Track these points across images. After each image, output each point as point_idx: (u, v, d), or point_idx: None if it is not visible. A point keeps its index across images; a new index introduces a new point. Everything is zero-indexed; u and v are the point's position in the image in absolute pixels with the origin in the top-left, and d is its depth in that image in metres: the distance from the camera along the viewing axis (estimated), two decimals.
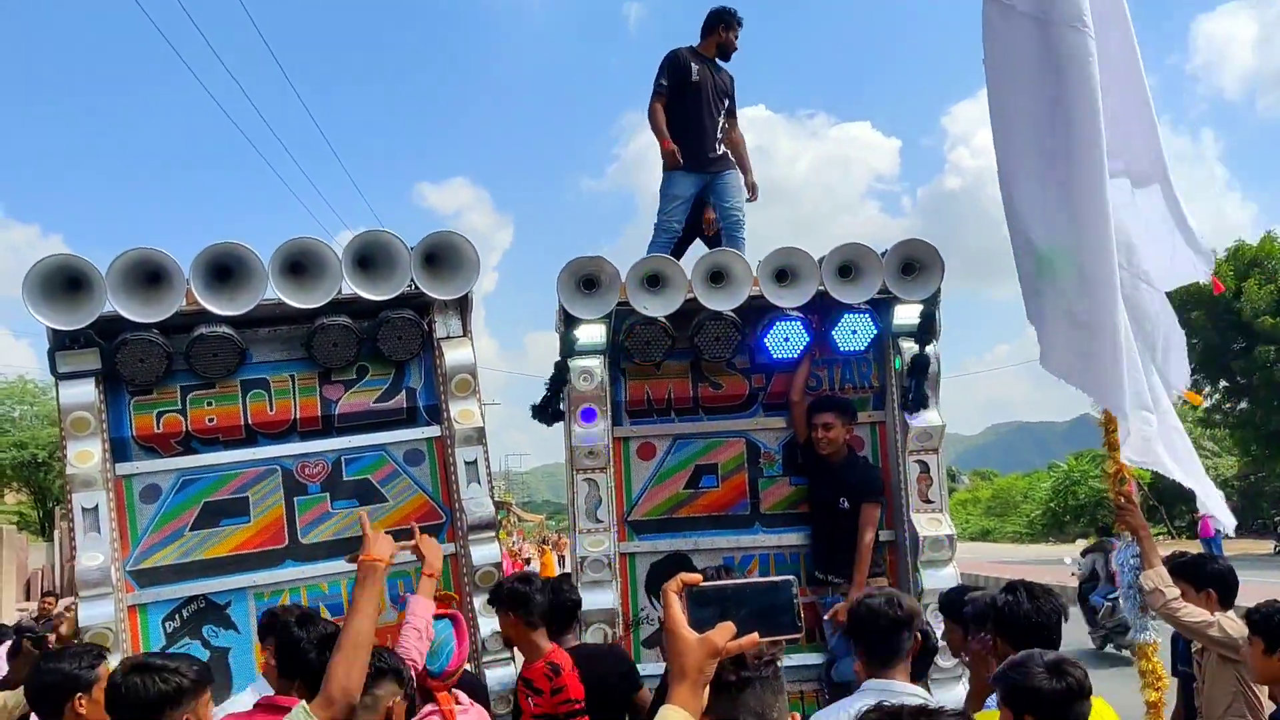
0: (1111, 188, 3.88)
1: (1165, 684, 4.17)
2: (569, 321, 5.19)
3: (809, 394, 5.49)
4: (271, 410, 5.23)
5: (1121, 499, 4.32)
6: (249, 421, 5.20)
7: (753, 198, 6.78)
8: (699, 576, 1.61)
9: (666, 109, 6.59)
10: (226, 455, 5.18)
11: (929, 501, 5.38)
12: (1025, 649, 2.95)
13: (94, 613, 4.68)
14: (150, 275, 4.90)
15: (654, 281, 5.22)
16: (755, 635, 1.56)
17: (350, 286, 5.05)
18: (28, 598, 18.05)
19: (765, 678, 1.97)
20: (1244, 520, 28.23)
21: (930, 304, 5.30)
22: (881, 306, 5.35)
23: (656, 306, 5.17)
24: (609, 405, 5.31)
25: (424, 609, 3.80)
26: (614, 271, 5.15)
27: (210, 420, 5.17)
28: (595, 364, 5.22)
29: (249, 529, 5.18)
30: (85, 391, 4.88)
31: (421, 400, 5.37)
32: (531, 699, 4.19)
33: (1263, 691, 4.16)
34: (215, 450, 5.18)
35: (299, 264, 5.04)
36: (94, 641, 4.34)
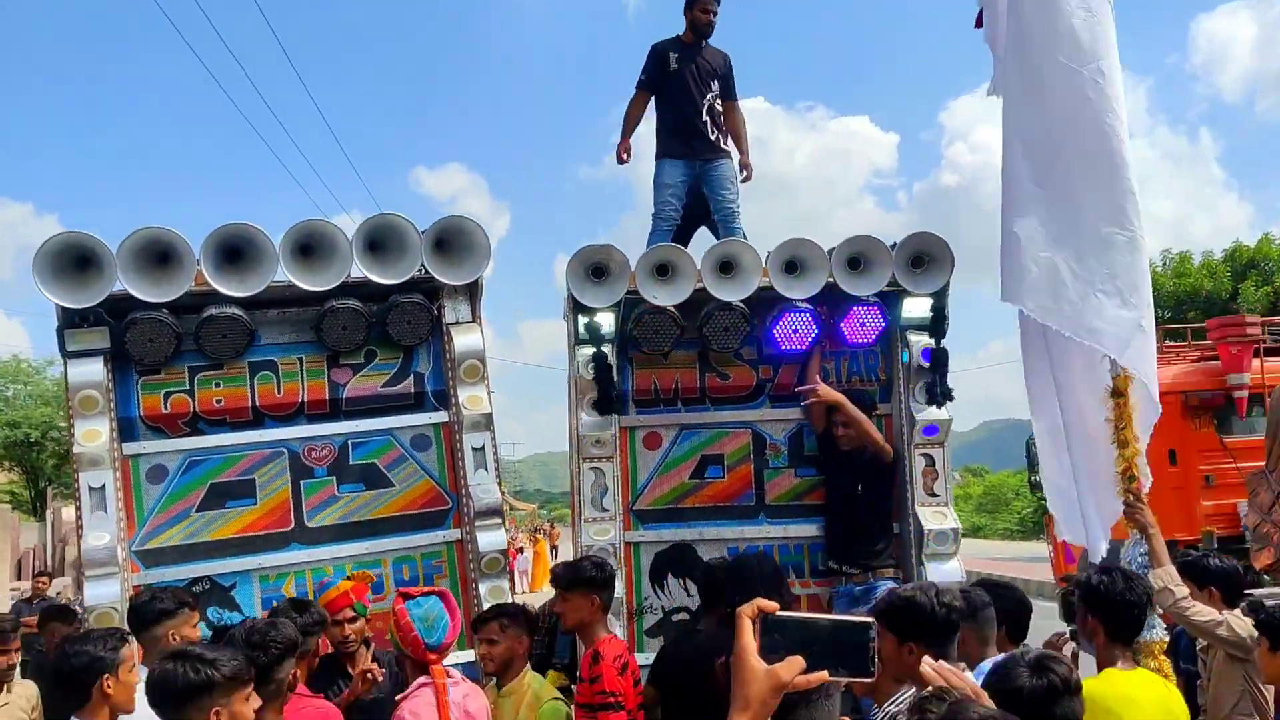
0: None
1: (1172, 682, 4.18)
2: (578, 310, 5.19)
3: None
4: (279, 392, 5.22)
5: (1130, 496, 4.32)
6: (256, 403, 5.20)
7: (746, 178, 6.63)
8: (776, 605, 1.54)
9: (656, 102, 6.59)
10: (233, 437, 5.18)
11: (934, 495, 5.39)
12: (1120, 627, 3.32)
13: (100, 592, 4.67)
14: (160, 255, 4.89)
15: (663, 271, 5.21)
16: (825, 673, 1.50)
17: (360, 269, 5.05)
18: (19, 577, 18.00)
19: (814, 700, 1.96)
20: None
21: (940, 298, 5.32)
22: (890, 299, 5.36)
23: (665, 296, 5.16)
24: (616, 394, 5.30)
25: None
26: (624, 260, 5.15)
27: (218, 401, 5.17)
28: (604, 352, 5.21)
29: (255, 511, 5.17)
30: (94, 370, 4.87)
31: (429, 385, 5.37)
32: (576, 686, 4.20)
33: (1269, 690, 4.18)
34: (222, 431, 5.18)
35: (309, 246, 5.04)
36: (99, 622, 4.34)
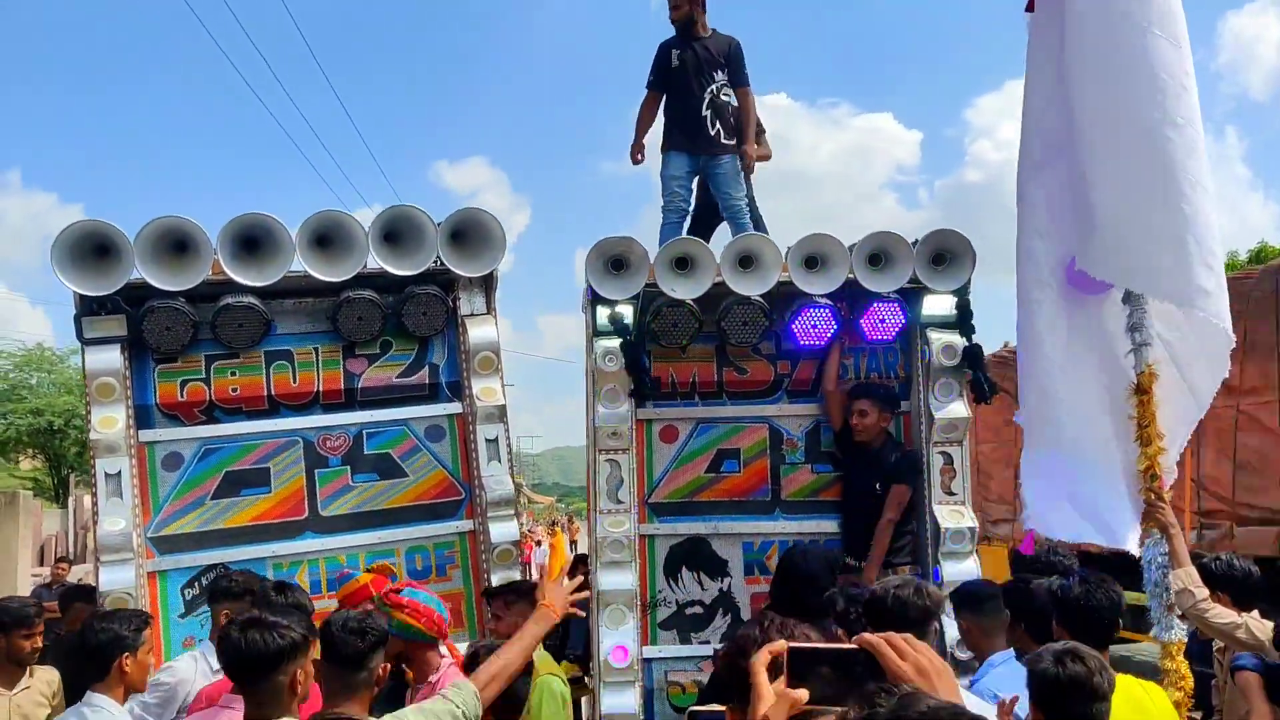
0: None
1: (1189, 684, 4.12)
2: (597, 301, 5.16)
3: (842, 382, 5.46)
4: (295, 382, 5.24)
5: (1152, 495, 4.27)
6: (272, 392, 5.21)
7: (746, 167, 6.38)
8: (782, 647, 1.58)
9: (664, 100, 6.52)
10: (249, 425, 5.20)
11: (952, 493, 5.33)
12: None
13: (114, 577, 4.69)
14: (178, 244, 4.91)
15: (683, 264, 5.17)
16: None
17: (376, 261, 5.06)
18: (41, 563, 18.17)
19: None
20: None
21: (961, 295, 5.26)
22: (910, 296, 5.31)
23: (684, 289, 5.13)
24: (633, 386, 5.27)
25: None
26: (643, 252, 5.12)
27: (234, 390, 5.18)
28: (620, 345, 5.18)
29: (269, 500, 5.19)
30: (111, 357, 4.89)
31: (444, 376, 5.38)
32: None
33: None
34: (238, 420, 5.20)
35: (326, 237, 5.05)
36: (115, 606, 4.36)
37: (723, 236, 6.27)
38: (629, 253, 5.14)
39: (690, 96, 6.36)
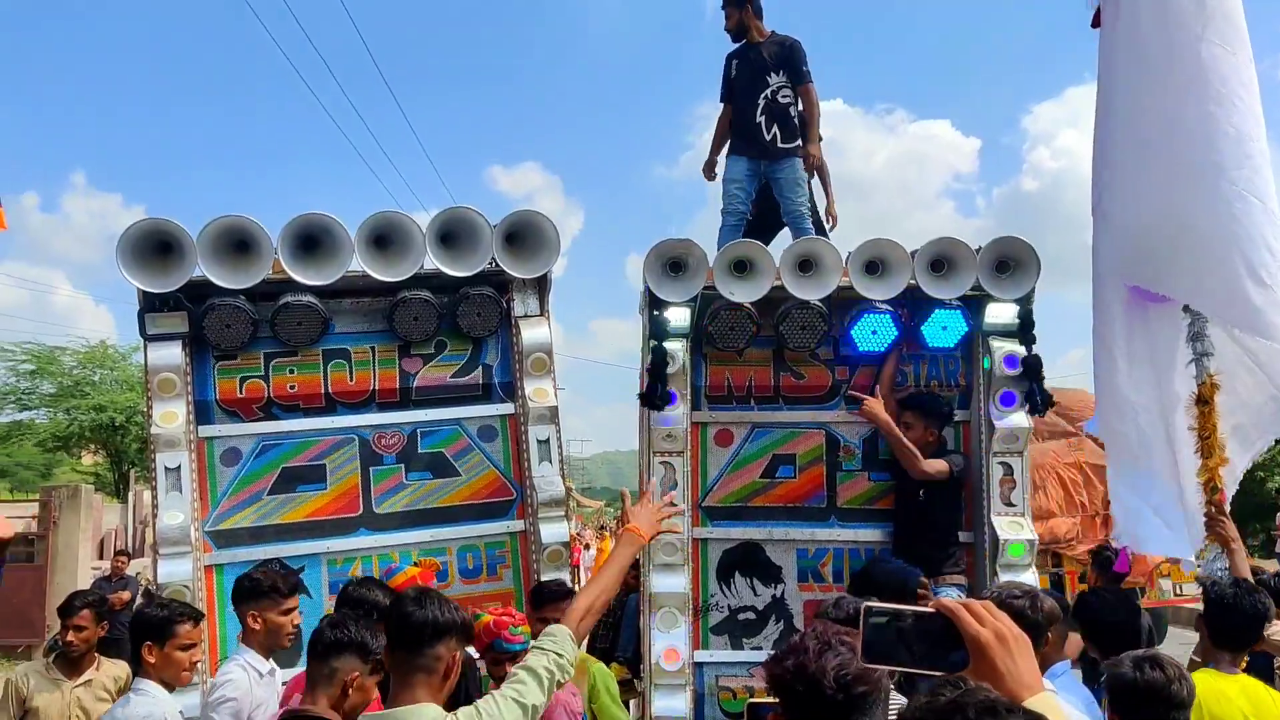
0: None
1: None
2: (655, 304, 5.13)
3: (898, 390, 5.38)
4: (351, 380, 5.27)
5: (1213, 509, 4.18)
6: (329, 390, 5.25)
7: (809, 168, 6.41)
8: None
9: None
10: (306, 422, 5.24)
11: (1011, 504, 5.22)
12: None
13: (172, 570, 4.75)
14: (239, 243, 4.97)
15: (741, 267, 5.13)
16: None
17: (433, 261, 5.08)
18: (100, 557, 18.52)
19: (856, 696, 1.92)
20: None
21: (1025, 303, 5.16)
22: (972, 304, 5.21)
23: (743, 292, 5.08)
24: (689, 389, 5.23)
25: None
26: (702, 255, 5.08)
27: (291, 387, 5.23)
28: (678, 348, 5.14)
29: (325, 496, 5.23)
30: (172, 354, 4.96)
31: (497, 377, 5.39)
32: None
33: None
34: (295, 417, 5.25)
35: (384, 238, 5.08)
36: (172, 598, 4.39)
37: (781, 241, 6.22)
38: (688, 255, 5.10)
39: (748, 102, 6.38)
